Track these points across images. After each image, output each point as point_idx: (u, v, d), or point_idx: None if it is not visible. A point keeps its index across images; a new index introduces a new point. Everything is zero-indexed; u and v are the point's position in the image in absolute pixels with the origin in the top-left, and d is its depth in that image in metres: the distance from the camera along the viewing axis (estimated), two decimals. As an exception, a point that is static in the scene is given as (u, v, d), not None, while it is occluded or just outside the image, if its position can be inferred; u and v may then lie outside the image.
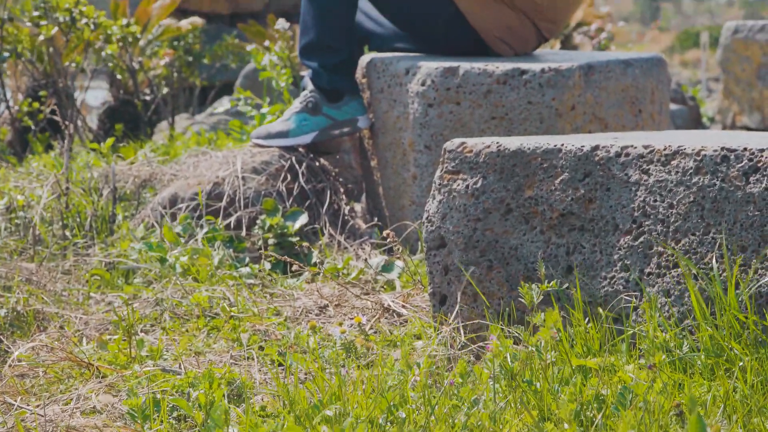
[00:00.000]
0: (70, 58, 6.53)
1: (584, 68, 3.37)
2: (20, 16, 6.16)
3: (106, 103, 7.49)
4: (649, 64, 3.62)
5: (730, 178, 2.10)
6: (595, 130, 3.41)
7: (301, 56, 3.79)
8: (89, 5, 6.06)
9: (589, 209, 2.29)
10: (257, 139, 3.85)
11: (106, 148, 4.70)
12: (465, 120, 3.41)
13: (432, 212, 2.50)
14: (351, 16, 3.75)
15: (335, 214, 3.79)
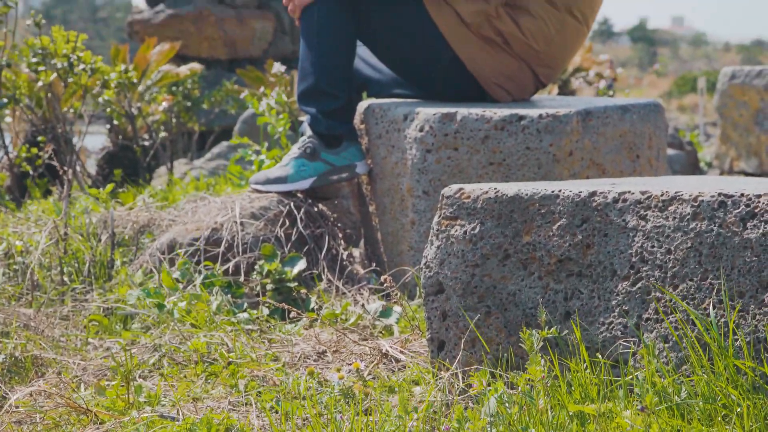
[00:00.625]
0: (68, 103, 6.55)
1: (582, 114, 3.38)
2: (19, 62, 6.18)
3: (104, 148, 7.51)
4: (646, 109, 3.63)
5: (728, 223, 2.10)
6: (592, 175, 3.42)
7: (300, 102, 3.80)
8: (87, 51, 6.08)
9: (587, 255, 2.29)
10: (256, 185, 3.86)
11: (104, 194, 4.70)
12: (463, 166, 3.42)
13: (430, 258, 2.50)
14: (349, 63, 3.77)
15: (333, 260, 3.79)
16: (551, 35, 3.68)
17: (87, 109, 7.00)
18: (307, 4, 3.72)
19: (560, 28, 3.69)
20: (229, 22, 12.38)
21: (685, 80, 33.93)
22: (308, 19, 3.73)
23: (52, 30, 5.94)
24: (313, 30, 3.72)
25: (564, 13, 3.68)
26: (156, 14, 12.46)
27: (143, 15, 12.61)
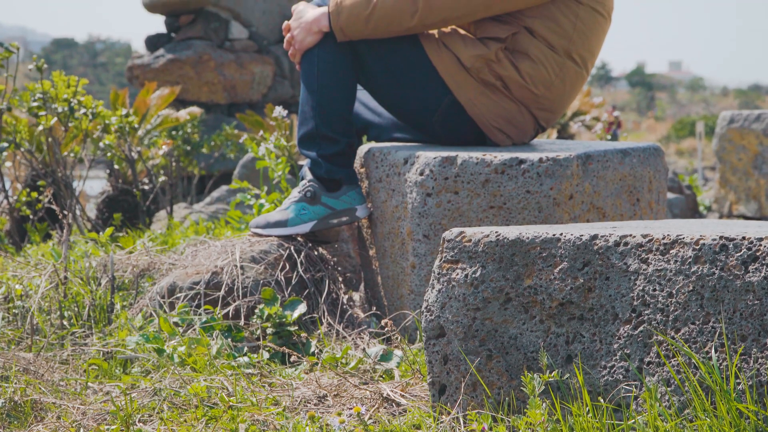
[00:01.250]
0: (68, 148, 6.56)
1: (582, 157, 3.39)
2: (19, 107, 6.20)
3: (104, 192, 7.52)
4: (646, 153, 3.64)
5: (729, 267, 2.10)
6: (593, 219, 3.42)
7: (300, 146, 3.81)
8: (88, 96, 6.10)
9: (588, 298, 2.29)
10: (256, 229, 3.86)
11: (104, 238, 4.70)
12: (463, 209, 3.42)
13: (431, 301, 2.50)
14: (349, 107, 3.78)
15: (334, 303, 3.78)
16: (551, 80, 3.70)
17: (87, 154, 7.01)
18: (308, 48, 3.74)
19: (560, 72, 3.70)
20: (228, 67, 12.43)
21: (684, 124, 34.06)
22: (308, 63, 3.75)
23: (53, 75, 5.96)
24: (314, 74, 3.74)
25: (563, 58, 3.69)
26: (156, 59, 12.50)
27: (143, 60, 12.66)
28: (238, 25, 12.87)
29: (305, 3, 3.84)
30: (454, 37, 3.73)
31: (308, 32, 3.72)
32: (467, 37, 3.73)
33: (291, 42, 3.78)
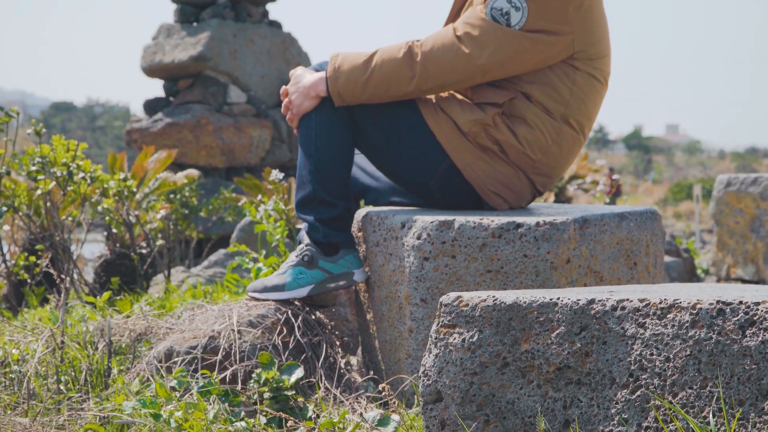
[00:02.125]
0: (66, 211, 6.57)
1: (579, 221, 3.40)
2: (18, 171, 6.22)
3: (102, 256, 7.51)
4: (643, 217, 3.65)
5: (727, 331, 2.10)
6: (590, 283, 3.42)
7: (298, 210, 3.82)
8: (87, 160, 6.12)
9: (585, 363, 2.28)
10: (253, 293, 3.86)
11: (102, 302, 4.70)
12: (461, 273, 3.42)
13: (428, 366, 2.49)
14: (347, 171, 3.79)
15: (331, 368, 3.77)
16: (548, 144, 3.72)
17: (85, 217, 7.02)
18: (305, 113, 3.76)
19: (557, 137, 3.72)
20: (226, 131, 12.48)
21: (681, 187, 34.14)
22: (306, 127, 3.77)
23: (52, 139, 5.98)
24: (311, 138, 3.76)
25: (560, 123, 3.71)
26: (154, 123, 12.56)
27: (141, 124, 12.71)
28: (237, 89, 12.94)
29: (303, 68, 3.87)
30: (451, 102, 3.75)
31: (306, 97, 3.75)
32: (464, 102, 3.75)
33: (289, 106, 3.81)
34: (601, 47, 3.76)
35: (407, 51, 3.66)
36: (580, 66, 3.70)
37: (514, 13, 3.62)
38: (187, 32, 12.94)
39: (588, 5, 3.68)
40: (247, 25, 13.16)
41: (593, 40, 3.72)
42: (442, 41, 3.65)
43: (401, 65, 3.65)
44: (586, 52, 3.70)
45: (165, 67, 12.83)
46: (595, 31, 3.72)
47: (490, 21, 3.63)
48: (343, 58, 3.72)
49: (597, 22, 3.73)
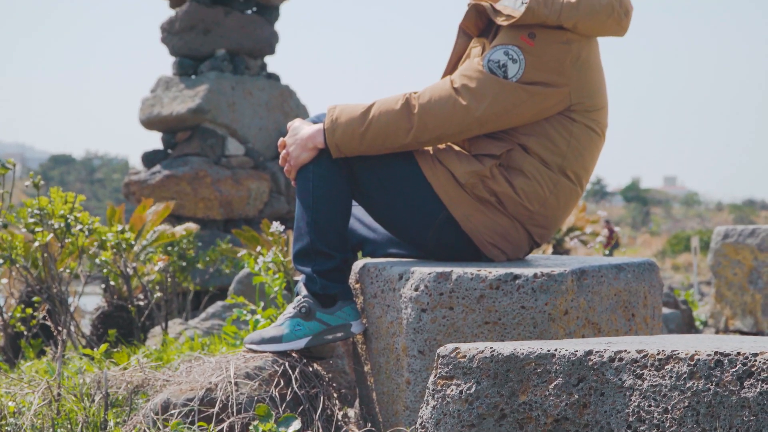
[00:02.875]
0: (64, 263, 6.57)
1: (577, 273, 3.40)
2: (15, 223, 6.22)
3: (99, 308, 7.50)
4: (641, 268, 3.65)
5: (725, 382, 2.10)
6: (588, 334, 3.42)
7: (295, 262, 3.82)
8: (84, 212, 6.13)
9: (583, 414, 2.28)
10: (250, 345, 3.85)
11: (99, 354, 4.69)
12: (458, 325, 3.42)
13: (426, 418, 2.48)
14: (345, 223, 3.80)
15: (328, 420, 3.76)
16: (545, 196, 3.73)
17: (83, 269, 7.01)
18: (303, 164, 3.77)
19: (554, 189, 3.73)
20: (225, 183, 12.49)
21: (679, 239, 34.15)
22: (304, 179, 3.77)
23: (50, 191, 5.99)
24: (309, 190, 3.76)
25: (558, 175, 3.72)
26: (152, 175, 12.58)
27: (140, 176, 12.73)
28: (235, 142, 12.98)
29: (301, 120, 3.88)
30: (448, 154, 3.76)
31: (304, 149, 3.76)
32: (462, 154, 3.76)
33: (287, 158, 3.81)
34: (599, 99, 3.78)
35: (404, 103, 3.67)
36: (578, 118, 3.72)
37: (512, 65, 3.64)
38: (186, 85, 12.99)
39: (585, 58, 3.70)
40: (245, 77, 13.21)
41: (590, 92, 3.73)
42: (440, 93, 3.67)
43: (399, 117, 3.66)
44: (583, 104, 3.72)
45: (163, 119, 12.87)
46: (592, 83, 3.74)
47: (488, 73, 3.65)
48: (341, 110, 3.73)
49: (594, 75, 3.75)
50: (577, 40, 3.68)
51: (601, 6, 3.67)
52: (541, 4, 3.61)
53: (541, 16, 3.61)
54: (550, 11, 3.61)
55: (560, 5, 3.61)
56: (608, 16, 3.69)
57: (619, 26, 3.77)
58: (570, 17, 3.62)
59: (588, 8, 3.64)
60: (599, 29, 3.72)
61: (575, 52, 3.67)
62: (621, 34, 3.82)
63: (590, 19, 3.65)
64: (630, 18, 3.80)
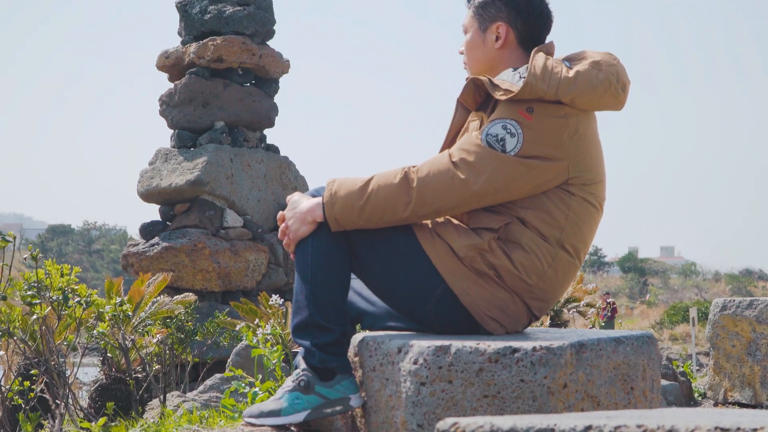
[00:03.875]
0: (62, 336, 6.56)
1: (575, 346, 3.40)
2: (13, 296, 6.23)
3: (97, 381, 7.49)
4: (639, 341, 3.65)
5: (725, 457, 2.09)
6: (587, 408, 3.41)
7: (294, 335, 3.82)
8: (82, 284, 6.13)
9: (584, 490, 2.26)
10: (249, 418, 3.84)
11: (97, 428, 4.67)
12: (457, 398, 3.41)
13: (426, 493, 2.47)
14: (343, 296, 3.80)
15: (327, 495, 3.73)
16: (543, 269, 3.74)
17: (81, 341, 7.00)
18: (302, 238, 3.78)
19: (552, 262, 3.74)
20: (223, 255, 12.50)
21: (677, 310, 34.09)
22: (302, 252, 3.78)
23: (46, 264, 6.00)
24: (308, 264, 3.77)
25: (556, 248, 3.74)
26: (151, 247, 12.59)
27: (138, 248, 12.74)
28: (233, 214, 13.01)
29: (300, 193, 3.90)
30: (447, 227, 3.78)
31: (303, 222, 3.77)
32: (460, 227, 3.77)
33: (286, 231, 3.83)
34: (596, 173, 3.80)
35: (403, 177, 3.69)
36: (575, 191, 3.74)
37: (510, 139, 3.67)
38: (185, 157, 13.04)
39: (582, 131, 3.73)
40: (244, 149, 13.28)
41: (588, 165, 3.76)
42: (438, 167, 3.69)
43: (397, 191, 3.68)
44: (580, 177, 3.74)
45: (162, 191, 12.91)
46: (589, 157, 3.77)
47: (486, 147, 3.67)
48: (340, 184, 3.75)
49: (591, 148, 3.78)
50: (574, 114, 3.71)
51: (598, 81, 3.70)
52: (538, 79, 3.64)
53: (539, 91, 3.64)
54: (547, 86, 3.64)
55: (558, 80, 3.65)
56: (605, 91, 3.73)
57: (616, 101, 3.80)
58: (567, 92, 3.65)
59: (585, 83, 3.68)
60: (596, 104, 3.75)
61: (573, 127, 3.70)
62: (618, 108, 3.85)
63: (587, 94, 3.69)
64: (627, 92, 3.83)
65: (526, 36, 3.94)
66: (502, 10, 3.94)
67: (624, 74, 3.82)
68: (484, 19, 3.97)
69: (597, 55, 3.80)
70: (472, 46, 4.01)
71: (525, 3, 3.93)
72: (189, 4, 13.93)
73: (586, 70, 3.71)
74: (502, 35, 3.94)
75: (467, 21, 4.04)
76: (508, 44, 3.94)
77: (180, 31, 14.06)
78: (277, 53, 13.73)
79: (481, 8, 3.98)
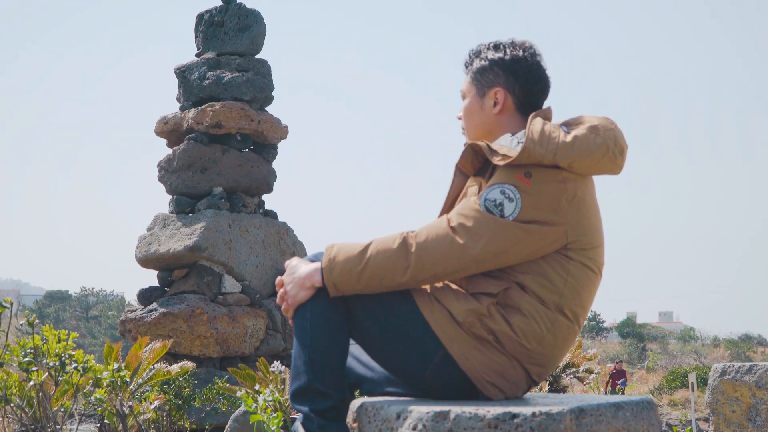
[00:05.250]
0: (59, 402, 6.53)
1: (575, 411, 3.38)
2: (9, 362, 6.21)
3: (94, 448, 7.43)
4: (639, 407, 3.63)
5: None
6: (588, 474, 3.38)
7: (293, 401, 3.80)
8: (79, 350, 6.12)
9: None
10: (247, 485, 3.81)
11: (93, 495, 4.64)
12: (457, 464, 3.39)
13: None
14: (342, 361, 3.79)
15: None
16: (542, 335, 3.73)
17: (78, 407, 6.97)
18: (300, 303, 3.77)
19: (551, 327, 3.74)
20: (221, 320, 12.47)
21: (676, 375, 33.97)
22: (301, 318, 3.78)
23: (42, 330, 5.98)
24: (306, 329, 3.76)
25: (555, 313, 3.73)
26: (149, 313, 12.56)
27: (136, 314, 12.71)
28: (231, 279, 13.00)
29: (298, 258, 3.90)
30: (446, 292, 3.77)
31: (301, 287, 3.77)
32: (459, 292, 3.77)
33: (284, 297, 3.82)
34: (595, 237, 3.80)
35: (402, 242, 3.70)
36: (574, 256, 3.74)
37: (508, 204, 3.67)
38: (183, 222, 13.05)
39: (581, 196, 3.74)
40: (242, 215, 13.29)
41: (586, 230, 3.76)
42: (437, 232, 3.70)
43: (396, 256, 3.68)
44: (579, 242, 3.74)
45: (160, 257, 12.91)
46: (588, 221, 3.77)
47: (484, 212, 3.68)
48: (338, 249, 3.75)
49: (590, 213, 3.79)
50: (572, 178, 3.72)
51: (596, 145, 3.72)
52: (536, 143, 3.66)
53: (537, 156, 3.66)
54: (545, 151, 3.65)
55: (556, 145, 3.66)
56: (603, 156, 3.74)
57: (614, 165, 3.81)
58: (565, 157, 3.66)
59: (583, 148, 3.69)
60: (594, 168, 3.76)
61: (571, 191, 3.71)
62: (616, 173, 3.86)
63: (585, 159, 3.70)
64: (625, 157, 3.85)
65: (524, 101, 3.96)
66: (500, 75, 3.96)
67: (621, 138, 3.83)
68: (482, 85, 3.99)
69: (594, 120, 3.82)
70: (470, 112, 4.02)
71: (523, 69, 3.95)
72: (188, 70, 14.01)
73: (584, 134, 3.72)
74: (500, 101, 3.95)
75: (465, 86, 4.06)
76: (506, 110, 3.96)
77: (179, 96, 14.14)
78: (275, 119, 13.79)
79: (479, 74, 4.01)
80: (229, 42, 14.12)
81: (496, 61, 3.98)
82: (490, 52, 4.01)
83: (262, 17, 14.18)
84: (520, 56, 3.97)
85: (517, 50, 3.98)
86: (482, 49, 4.04)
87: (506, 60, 3.97)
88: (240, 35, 14.06)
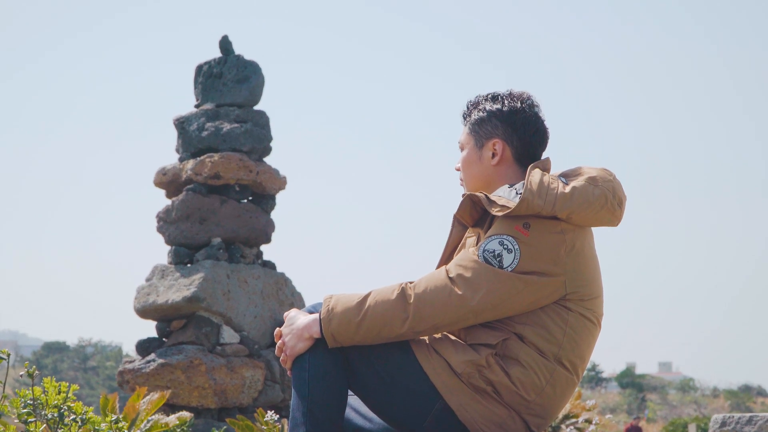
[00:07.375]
0: (57, 454, 6.49)
1: (575, 463, 3.37)
2: (8, 413, 6.17)
3: (91, 500, 7.38)
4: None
5: None
6: None
7: (291, 452, 3.78)
8: (78, 402, 6.09)
9: None
10: None
11: None
12: None
13: None
14: (340, 413, 3.77)
15: None
16: (541, 385, 3.72)
17: (75, 460, 6.92)
18: (299, 354, 3.77)
19: (550, 378, 3.73)
20: (219, 371, 12.43)
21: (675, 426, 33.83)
22: (300, 369, 3.77)
23: (43, 381, 5.96)
24: (304, 380, 3.75)
25: (554, 364, 3.72)
26: (147, 363, 12.53)
27: (134, 365, 12.68)
28: (230, 330, 12.97)
29: (297, 310, 3.90)
30: (444, 343, 3.77)
31: (299, 338, 3.76)
32: (458, 343, 3.76)
33: (282, 348, 3.82)
34: (593, 288, 3.80)
35: (400, 293, 3.69)
36: (573, 307, 3.74)
37: (506, 255, 3.68)
38: (181, 273, 13.04)
39: (579, 247, 3.74)
40: (240, 265, 13.28)
41: (585, 281, 3.76)
42: (435, 283, 3.69)
43: (394, 307, 3.68)
44: (578, 293, 3.74)
45: (158, 308, 12.88)
46: (586, 272, 3.77)
47: (483, 263, 3.68)
48: (337, 300, 3.75)
49: (588, 264, 3.79)
50: (571, 230, 3.72)
51: (594, 197, 3.72)
52: (535, 195, 3.66)
53: (536, 207, 3.66)
54: (544, 202, 3.66)
55: (554, 196, 3.67)
56: (602, 207, 3.75)
57: (612, 216, 3.82)
58: (564, 208, 3.67)
59: (581, 199, 3.70)
60: (593, 219, 3.77)
61: (570, 242, 3.71)
62: (615, 224, 3.87)
63: (584, 210, 3.71)
64: (623, 208, 3.85)
65: (522, 152, 3.97)
66: (498, 127, 3.97)
67: (620, 190, 3.84)
68: (480, 136, 4.00)
69: (593, 171, 3.83)
70: (468, 163, 4.03)
71: (521, 120, 3.96)
72: (186, 122, 14.05)
73: (583, 186, 3.73)
74: (498, 152, 3.96)
75: (463, 138, 4.07)
76: (505, 161, 3.97)
77: (177, 147, 14.17)
78: (274, 170, 13.81)
79: (478, 125, 4.02)
80: (228, 93, 14.16)
81: (494, 113, 3.99)
82: (488, 103, 4.02)
83: (260, 69, 14.23)
84: (518, 107, 3.98)
85: (515, 101, 3.99)
86: (480, 101, 4.05)
87: (504, 111, 3.98)
88: (239, 86, 14.11)
